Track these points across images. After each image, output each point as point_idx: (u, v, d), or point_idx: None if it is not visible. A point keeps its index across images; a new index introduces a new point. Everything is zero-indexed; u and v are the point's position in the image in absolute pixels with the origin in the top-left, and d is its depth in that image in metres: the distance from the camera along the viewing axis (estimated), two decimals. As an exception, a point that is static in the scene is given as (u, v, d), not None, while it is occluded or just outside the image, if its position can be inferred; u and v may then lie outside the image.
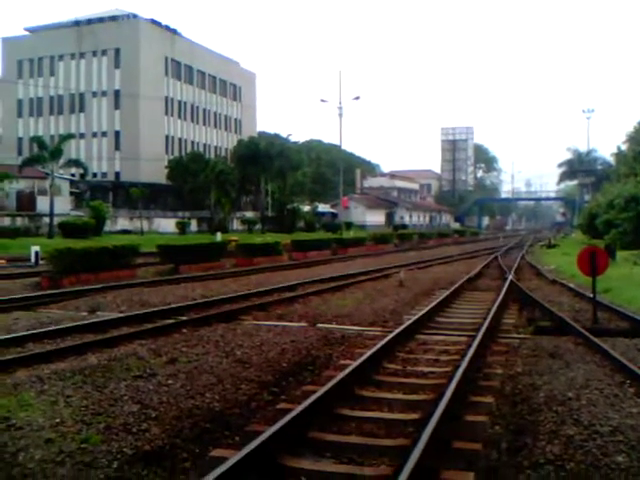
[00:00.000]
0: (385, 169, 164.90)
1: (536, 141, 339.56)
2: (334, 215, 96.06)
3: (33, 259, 29.92)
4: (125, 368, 9.03)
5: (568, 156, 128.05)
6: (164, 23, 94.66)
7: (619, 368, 9.14)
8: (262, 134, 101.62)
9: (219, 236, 49.06)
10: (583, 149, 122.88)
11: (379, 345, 10.03)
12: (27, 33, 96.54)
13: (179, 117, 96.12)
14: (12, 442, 6.14)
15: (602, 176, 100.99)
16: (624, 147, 78.31)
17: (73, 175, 73.22)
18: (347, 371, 8.32)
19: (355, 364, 8.73)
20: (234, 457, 5.41)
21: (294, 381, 9.08)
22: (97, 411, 7.08)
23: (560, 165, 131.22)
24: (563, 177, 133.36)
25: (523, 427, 6.95)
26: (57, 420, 6.74)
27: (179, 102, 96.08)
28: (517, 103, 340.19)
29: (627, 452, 5.94)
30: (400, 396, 8.20)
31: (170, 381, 8.37)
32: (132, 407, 7.26)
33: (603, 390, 8.00)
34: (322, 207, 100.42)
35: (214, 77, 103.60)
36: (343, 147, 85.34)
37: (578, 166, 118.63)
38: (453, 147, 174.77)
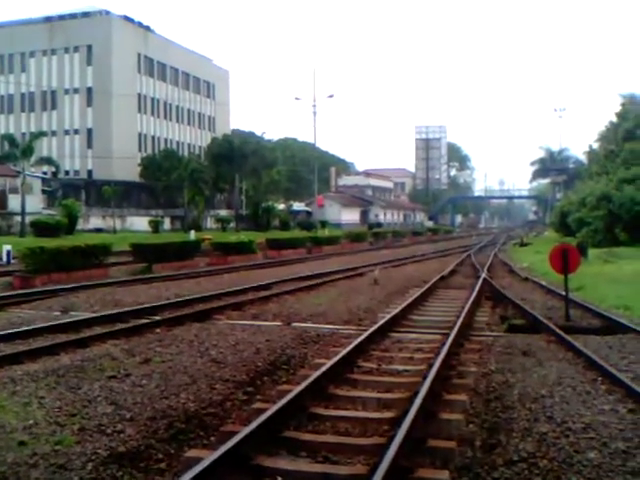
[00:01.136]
0: (360, 167, 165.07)
1: (509, 140, 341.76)
2: (309, 213, 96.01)
3: (5, 258, 29.62)
4: (99, 368, 8.98)
5: (541, 154, 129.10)
6: (137, 20, 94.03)
7: (591, 365, 9.26)
8: (236, 132, 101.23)
9: (193, 234, 48.82)
10: (555, 148, 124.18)
11: (354, 344, 10.07)
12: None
13: (152, 114, 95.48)
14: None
15: (574, 174, 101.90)
16: (596, 146, 79.11)
17: (45, 173, 72.55)
18: (322, 370, 8.33)
19: (330, 363, 8.75)
20: (209, 457, 5.41)
21: (269, 380, 9.08)
22: (71, 412, 7.04)
23: (532, 163, 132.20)
24: (535, 175, 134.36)
25: (497, 425, 7.01)
26: (30, 422, 6.69)
27: (152, 99, 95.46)
28: (490, 102, 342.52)
29: (599, 448, 6.02)
30: (375, 394, 8.24)
31: (144, 381, 8.33)
32: (106, 408, 7.23)
33: (575, 387, 8.11)
34: (297, 205, 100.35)
35: (187, 74, 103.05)
36: (318, 145, 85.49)
37: (550, 164, 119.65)
38: (427, 145, 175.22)
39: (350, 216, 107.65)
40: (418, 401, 6.91)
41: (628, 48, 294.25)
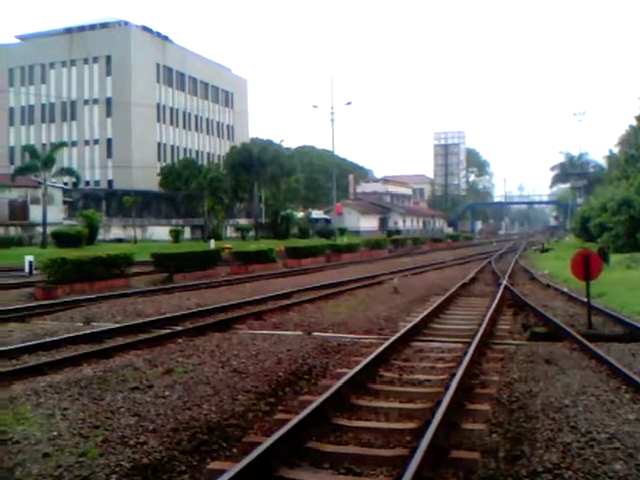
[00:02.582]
0: (378, 174, 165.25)
1: (528, 144, 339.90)
2: (328, 221, 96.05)
3: (27, 269, 29.86)
4: (121, 379, 9.01)
5: (560, 159, 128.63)
6: (155, 30, 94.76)
7: (615, 373, 9.16)
8: (255, 140, 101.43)
9: (213, 244, 48.98)
10: (575, 152, 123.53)
11: (375, 353, 10.04)
12: (18, 41, 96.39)
13: (171, 124, 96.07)
14: (9, 457, 6.11)
15: (594, 179, 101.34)
16: (616, 150, 78.69)
17: (66, 184, 73.01)
18: (343, 380, 8.31)
19: (351, 373, 8.72)
20: (233, 469, 5.39)
21: (291, 391, 9.07)
22: (94, 424, 7.06)
23: (552, 168, 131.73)
24: (555, 180, 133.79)
25: (520, 435, 6.95)
26: (54, 433, 6.71)
27: (171, 109, 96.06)
28: (508, 106, 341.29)
29: (625, 459, 5.94)
30: (397, 405, 8.20)
31: (167, 392, 8.35)
32: (129, 419, 7.24)
33: (599, 396, 8.02)
34: (316, 213, 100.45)
35: (206, 84, 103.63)
36: (336, 153, 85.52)
37: (570, 169, 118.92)
38: (445, 151, 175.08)
39: (369, 223, 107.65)
40: (441, 411, 6.88)
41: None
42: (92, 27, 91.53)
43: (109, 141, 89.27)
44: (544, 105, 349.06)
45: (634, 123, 68.51)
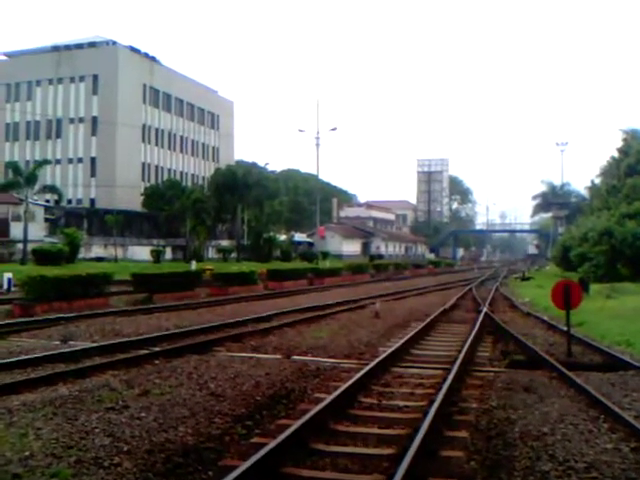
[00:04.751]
0: (362, 199, 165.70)
1: (511, 173, 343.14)
2: (310, 244, 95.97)
3: (5, 286, 29.56)
4: (97, 399, 8.91)
5: (542, 189, 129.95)
6: (143, 50, 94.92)
7: (593, 403, 9.17)
8: (240, 163, 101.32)
9: (194, 265, 48.77)
10: (557, 182, 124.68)
11: (354, 378, 9.99)
12: (5, 58, 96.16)
13: (156, 144, 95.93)
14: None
15: (576, 209, 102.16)
16: (598, 181, 79.38)
17: (48, 201, 72.61)
18: (322, 405, 8.26)
19: (330, 398, 8.67)
20: (207, 493, 5.33)
21: (268, 415, 8.98)
22: (68, 444, 6.96)
23: (534, 198, 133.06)
24: (537, 210, 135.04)
25: (498, 462, 6.93)
26: (26, 453, 6.61)
27: (156, 129, 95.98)
28: (492, 135, 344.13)
29: (602, 489, 5.93)
30: (375, 430, 8.14)
31: (143, 413, 8.26)
32: (104, 440, 7.15)
33: (578, 425, 8.02)
34: (299, 236, 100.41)
35: (192, 105, 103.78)
36: (320, 177, 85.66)
37: (552, 199, 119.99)
38: (428, 178, 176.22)
39: (351, 247, 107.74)
40: (419, 438, 6.84)
41: (630, 83, 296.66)
42: (79, 46, 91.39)
43: (93, 160, 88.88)
44: (527, 135, 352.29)
45: (616, 154, 69.26)
